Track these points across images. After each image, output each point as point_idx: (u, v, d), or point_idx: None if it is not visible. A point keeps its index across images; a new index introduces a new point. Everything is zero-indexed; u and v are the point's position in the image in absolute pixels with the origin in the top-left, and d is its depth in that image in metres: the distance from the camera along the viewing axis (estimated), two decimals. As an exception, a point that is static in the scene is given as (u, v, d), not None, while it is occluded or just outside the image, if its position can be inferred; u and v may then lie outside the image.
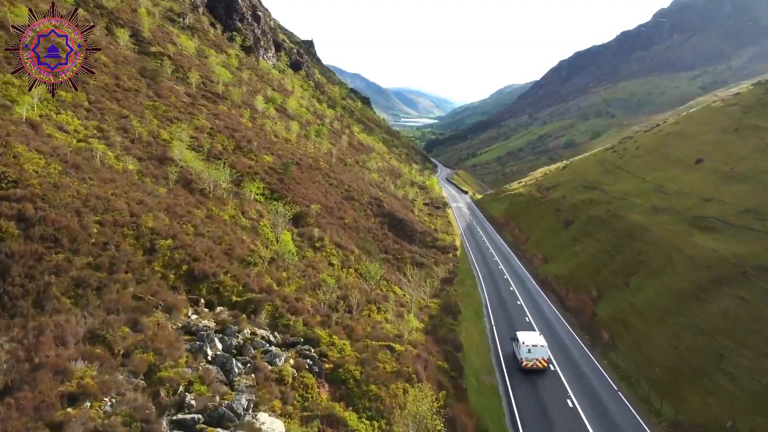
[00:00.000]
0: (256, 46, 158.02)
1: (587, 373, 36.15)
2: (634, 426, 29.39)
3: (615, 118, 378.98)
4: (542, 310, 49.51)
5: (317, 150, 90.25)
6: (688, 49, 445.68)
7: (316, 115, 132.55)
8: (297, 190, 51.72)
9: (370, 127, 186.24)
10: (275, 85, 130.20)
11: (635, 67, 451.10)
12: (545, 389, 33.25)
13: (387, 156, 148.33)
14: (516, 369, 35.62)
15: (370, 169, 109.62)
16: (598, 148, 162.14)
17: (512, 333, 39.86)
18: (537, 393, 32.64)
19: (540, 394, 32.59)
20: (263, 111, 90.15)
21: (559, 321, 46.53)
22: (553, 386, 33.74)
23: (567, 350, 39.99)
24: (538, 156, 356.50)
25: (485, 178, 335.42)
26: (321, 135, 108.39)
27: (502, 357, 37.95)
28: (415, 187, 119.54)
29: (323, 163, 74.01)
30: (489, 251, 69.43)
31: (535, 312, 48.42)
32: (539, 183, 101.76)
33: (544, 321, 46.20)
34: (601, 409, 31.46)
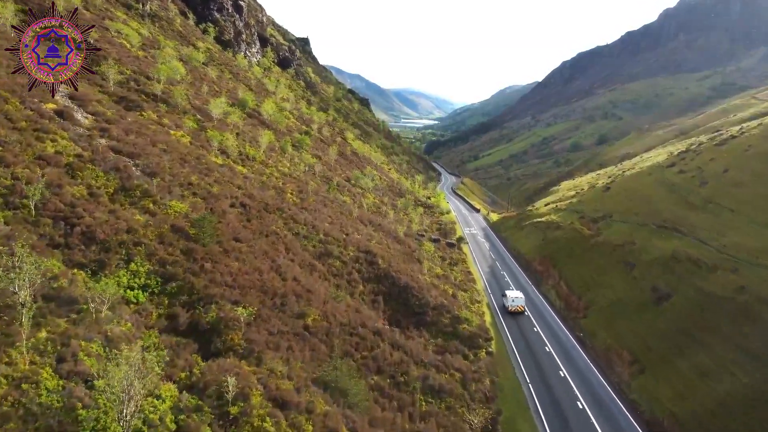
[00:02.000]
0: (237, 40, 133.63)
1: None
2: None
3: (622, 120, 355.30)
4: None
5: (291, 169, 66.01)
6: (696, 49, 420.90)
7: (302, 120, 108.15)
8: (219, 270, 27.66)
9: (367, 131, 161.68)
10: (253, 84, 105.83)
11: (641, 67, 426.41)
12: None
13: (386, 167, 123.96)
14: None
15: (363, 189, 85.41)
16: (615, 153, 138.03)
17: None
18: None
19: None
20: (220, 117, 65.84)
21: None
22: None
23: None
24: (543, 159, 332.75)
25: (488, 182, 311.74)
26: (302, 146, 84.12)
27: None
28: (419, 209, 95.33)
29: (291, 196, 49.75)
30: (535, 331, 45.10)
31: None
32: (577, 208, 77.42)
33: None
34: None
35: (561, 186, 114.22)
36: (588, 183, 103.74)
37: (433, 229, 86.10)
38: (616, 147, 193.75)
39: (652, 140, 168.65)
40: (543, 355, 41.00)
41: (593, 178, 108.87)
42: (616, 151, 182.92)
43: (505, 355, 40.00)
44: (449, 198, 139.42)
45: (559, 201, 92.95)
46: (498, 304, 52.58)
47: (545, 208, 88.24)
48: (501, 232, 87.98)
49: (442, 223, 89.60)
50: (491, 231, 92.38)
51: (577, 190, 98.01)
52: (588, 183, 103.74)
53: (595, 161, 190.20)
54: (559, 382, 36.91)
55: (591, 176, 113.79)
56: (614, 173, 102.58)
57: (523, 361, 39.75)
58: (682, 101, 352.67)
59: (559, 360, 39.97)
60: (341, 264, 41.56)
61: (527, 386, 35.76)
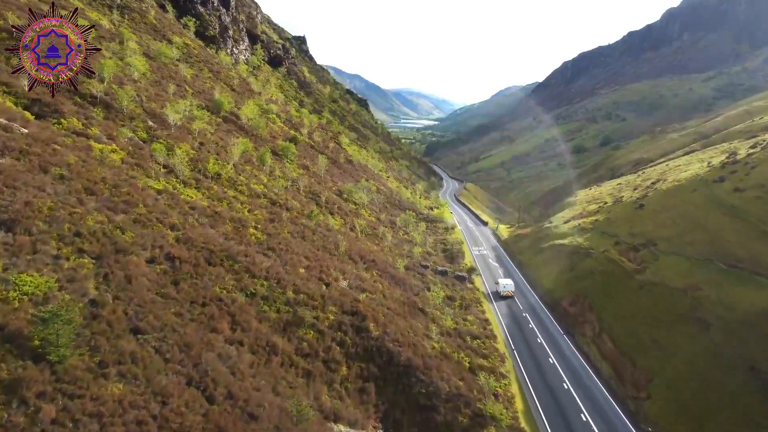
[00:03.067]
0: (223, 36, 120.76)
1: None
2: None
3: (626, 122, 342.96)
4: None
5: (268, 187, 53.25)
6: (700, 49, 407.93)
7: (291, 124, 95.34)
8: (74, 413, 14.96)
9: (364, 134, 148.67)
10: (235, 84, 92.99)
11: (644, 68, 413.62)
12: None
13: (384, 175, 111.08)
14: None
15: (357, 204, 72.67)
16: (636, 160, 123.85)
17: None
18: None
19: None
20: (181, 124, 53.07)
21: None
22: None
23: None
24: (545, 161, 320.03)
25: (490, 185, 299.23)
26: (287, 156, 71.41)
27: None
28: (421, 224, 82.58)
29: (255, 231, 36.81)
30: (584, 421, 31.64)
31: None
32: (607, 229, 64.61)
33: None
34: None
35: (578, 196, 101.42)
36: (610, 195, 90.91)
37: (437, 252, 73.36)
38: (627, 151, 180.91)
39: (668, 144, 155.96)
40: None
41: (614, 188, 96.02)
42: (628, 155, 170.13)
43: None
44: (453, 207, 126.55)
45: (581, 217, 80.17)
46: (524, 366, 39.90)
47: (566, 227, 75.40)
48: (516, 255, 75.04)
49: (447, 242, 76.85)
50: (503, 252, 79.43)
51: (599, 203, 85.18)
52: (610, 195, 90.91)
53: (605, 166, 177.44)
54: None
55: (611, 185, 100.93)
56: (638, 183, 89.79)
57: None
58: (687, 102, 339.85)
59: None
60: (316, 336, 28.82)
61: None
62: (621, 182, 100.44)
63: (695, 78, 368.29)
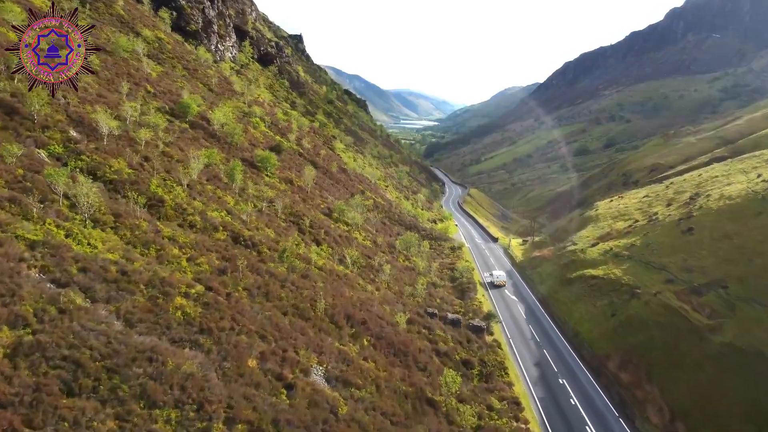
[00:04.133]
0: (206, 32, 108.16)
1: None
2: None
3: (630, 123, 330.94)
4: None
5: (230, 216, 40.77)
6: (705, 50, 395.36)
7: (277, 128, 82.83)
8: None
9: (362, 138, 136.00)
10: (214, 83, 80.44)
11: (648, 69, 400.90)
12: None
13: (382, 185, 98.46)
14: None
15: (350, 226, 60.23)
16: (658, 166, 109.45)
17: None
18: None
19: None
20: (117, 133, 40.58)
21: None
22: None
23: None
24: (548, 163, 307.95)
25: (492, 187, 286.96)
26: (267, 167, 59.00)
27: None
28: (425, 245, 70.07)
29: (186, 302, 24.05)
30: None
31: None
32: (650, 258, 52.22)
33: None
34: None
35: (598, 209, 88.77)
36: (638, 210, 78.42)
37: (444, 280, 60.90)
38: (639, 155, 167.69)
39: (687, 149, 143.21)
40: None
41: (641, 201, 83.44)
42: (641, 159, 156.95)
43: None
44: (457, 218, 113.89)
45: (610, 238, 67.76)
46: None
47: (595, 251, 62.89)
48: (537, 285, 62.49)
49: (455, 269, 64.41)
50: (520, 278, 66.87)
51: (628, 220, 72.76)
52: (638, 210, 78.42)
53: (616, 171, 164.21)
54: None
55: (636, 198, 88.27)
56: (671, 197, 77.35)
57: None
58: (692, 103, 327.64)
59: None
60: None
61: None
62: (647, 194, 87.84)
63: (700, 79, 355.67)
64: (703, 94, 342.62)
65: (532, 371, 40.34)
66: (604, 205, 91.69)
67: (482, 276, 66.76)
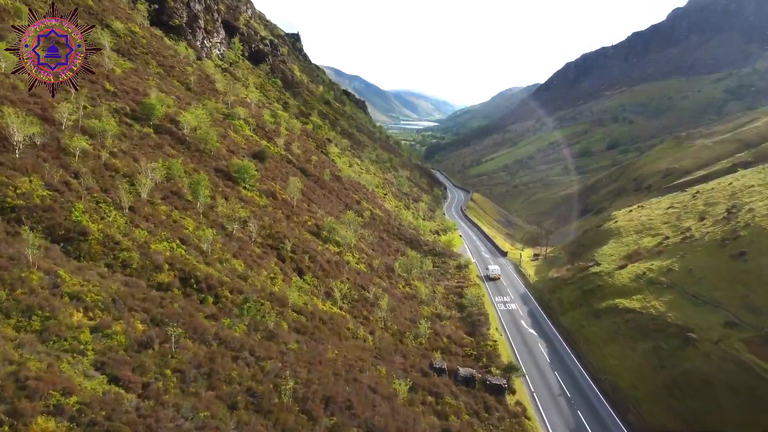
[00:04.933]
0: (192, 26, 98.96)
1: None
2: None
3: (633, 124, 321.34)
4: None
5: (183, 248, 31.56)
6: (709, 50, 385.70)
7: (263, 132, 73.62)
8: None
9: (360, 141, 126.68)
10: (192, 82, 71.21)
11: (650, 69, 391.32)
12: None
13: (380, 193, 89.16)
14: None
15: (341, 246, 51.02)
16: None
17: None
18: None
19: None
20: (39, 142, 31.48)
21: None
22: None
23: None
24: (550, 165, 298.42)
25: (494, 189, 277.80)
26: (244, 179, 49.85)
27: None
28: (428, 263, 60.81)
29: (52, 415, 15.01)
30: None
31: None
32: (698, 290, 43.16)
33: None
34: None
35: (618, 220, 79.41)
36: (666, 223, 69.18)
37: (451, 310, 51.67)
38: (650, 158, 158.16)
39: (703, 152, 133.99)
40: None
41: (666, 213, 74.13)
42: (653, 163, 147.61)
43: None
44: (461, 227, 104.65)
45: (639, 258, 58.62)
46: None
47: (624, 275, 53.68)
48: (558, 314, 53.19)
49: (463, 294, 55.22)
50: (537, 305, 57.49)
51: (656, 235, 63.61)
52: (666, 223, 69.18)
53: (626, 175, 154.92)
54: None
55: (659, 208, 78.96)
56: (702, 209, 68.13)
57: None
58: (696, 104, 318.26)
59: None
60: None
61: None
62: (672, 204, 78.53)
63: (704, 79, 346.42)
64: (707, 95, 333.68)
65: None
66: (624, 215, 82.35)
67: (493, 302, 57.61)
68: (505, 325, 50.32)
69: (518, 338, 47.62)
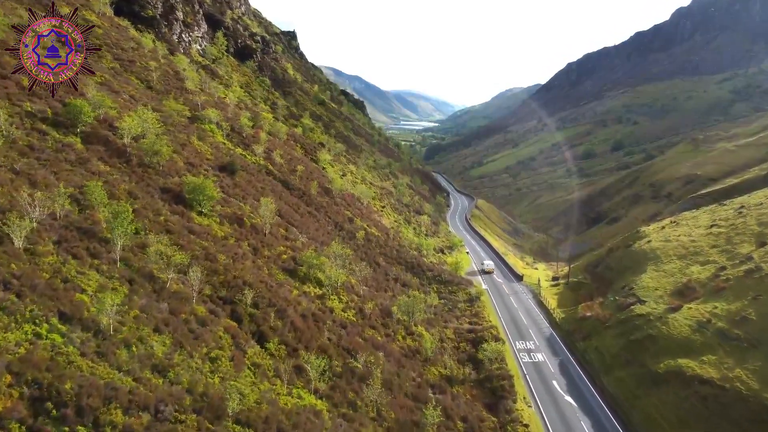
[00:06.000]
0: (168, 18, 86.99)
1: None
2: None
3: (638, 125, 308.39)
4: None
5: (56, 322, 19.54)
6: (713, 50, 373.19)
7: (239, 138, 61.71)
8: None
9: (357, 145, 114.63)
10: (155, 78, 59.17)
11: (654, 69, 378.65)
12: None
13: (377, 206, 77.20)
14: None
15: (325, 288, 39.08)
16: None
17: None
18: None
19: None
20: None
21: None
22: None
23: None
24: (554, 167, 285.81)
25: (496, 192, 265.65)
26: (199, 202, 37.96)
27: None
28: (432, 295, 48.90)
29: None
30: None
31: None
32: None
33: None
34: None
35: (651, 239, 67.37)
36: (712, 246, 57.28)
37: (464, 366, 39.85)
38: (666, 162, 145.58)
39: (727, 158, 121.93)
40: None
41: (709, 232, 62.16)
42: (670, 168, 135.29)
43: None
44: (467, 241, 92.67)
45: (692, 293, 46.85)
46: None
47: (682, 320, 41.80)
48: (602, 375, 41.07)
49: (478, 344, 43.42)
50: (570, 357, 45.58)
51: (706, 264, 51.83)
52: (712, 246, 57.28)
53: (641, 181, 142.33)
54: None
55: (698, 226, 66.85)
56: (757, 230, 56.22)
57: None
58: (702, 105, 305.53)
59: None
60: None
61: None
62: (716, 221, 66.44)
63: (709, 80, 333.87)
64: (713, 96, 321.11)
65: None
66: (657, 233, 70.36)
67: (514, 350, 45.75)
68: (534, 390, 38.42)
69: (553, 412, 35.75)
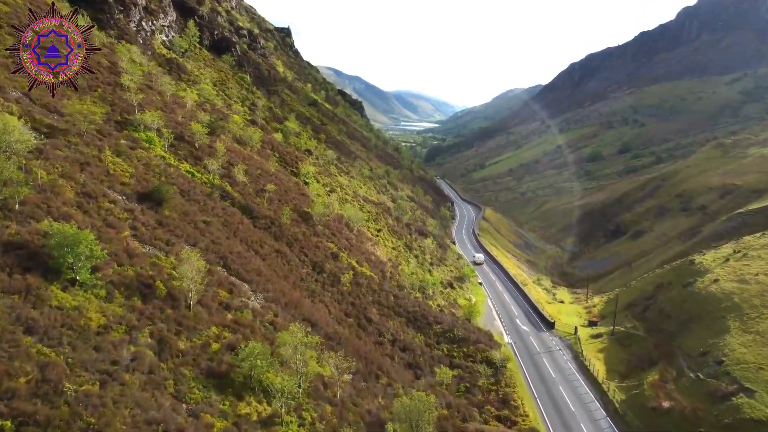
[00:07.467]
0: (125, 3, 71.12)
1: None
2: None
3: (645, 127, 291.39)
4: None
5: None
6: (721, 50, 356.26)
7: (190, 149, 45.87)
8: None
9: (351, 152, 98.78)
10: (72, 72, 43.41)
11: (660, 69, 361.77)
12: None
13: (371, 230, 61.38)
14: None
15: (270, 403, 23.41)
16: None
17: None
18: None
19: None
20: None
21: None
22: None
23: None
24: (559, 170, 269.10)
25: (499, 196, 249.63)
26: (69, 262, 21.88)
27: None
28: (445, 370, 33.26)
29: None
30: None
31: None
32: None
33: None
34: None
35: (716, 275, 51.84)
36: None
37: None
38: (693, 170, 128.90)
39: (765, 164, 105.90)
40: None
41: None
42: (699, 177, 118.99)
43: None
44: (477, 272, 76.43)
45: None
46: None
47: None
48: None
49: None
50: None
51: None
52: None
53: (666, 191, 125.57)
54: None
55: None
56: None
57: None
58: (711, 106, 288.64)
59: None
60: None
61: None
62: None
63: (717, 80, 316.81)
64: (723, 97, 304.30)
65: None
66: (722, 267, 54.48)
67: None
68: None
69: None
